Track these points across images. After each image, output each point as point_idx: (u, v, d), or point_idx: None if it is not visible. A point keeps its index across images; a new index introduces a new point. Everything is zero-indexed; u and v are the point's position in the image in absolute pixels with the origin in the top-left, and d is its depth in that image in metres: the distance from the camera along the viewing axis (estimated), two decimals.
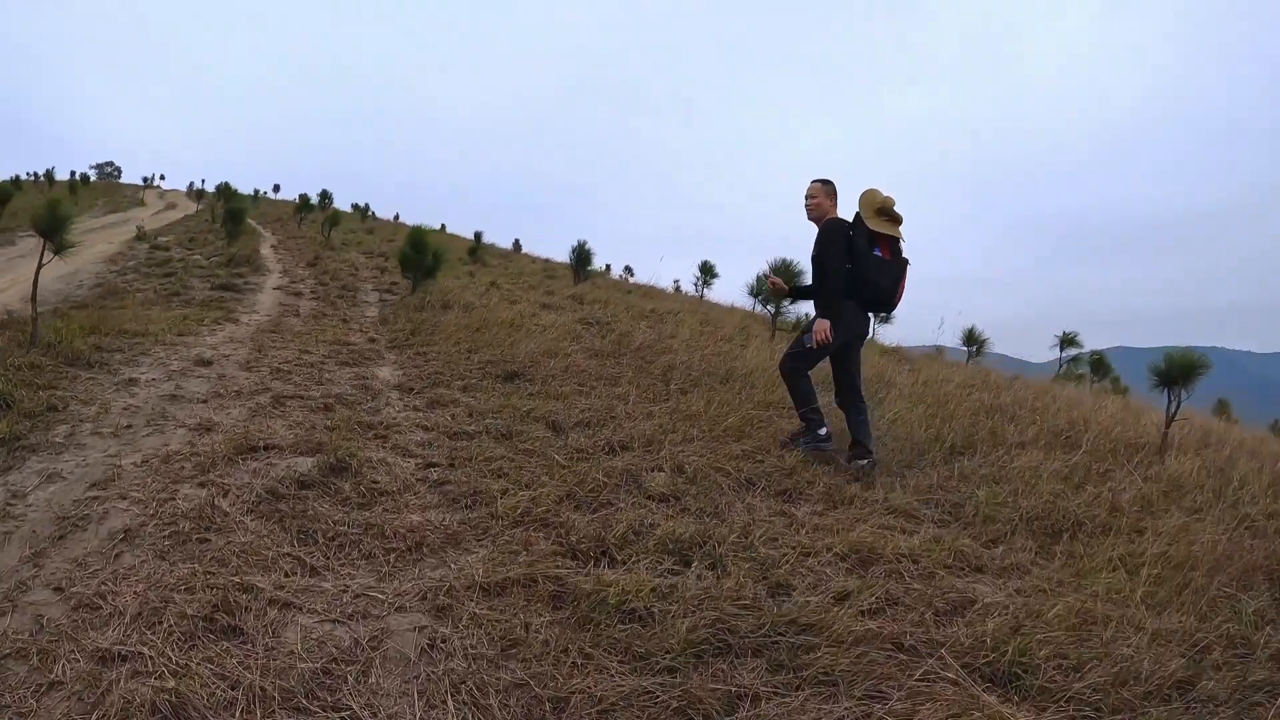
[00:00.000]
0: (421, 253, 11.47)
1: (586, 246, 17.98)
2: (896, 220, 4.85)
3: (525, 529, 3.35)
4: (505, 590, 2.78)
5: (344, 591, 2.97)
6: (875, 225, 4.79)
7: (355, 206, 38.26)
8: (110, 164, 55.81)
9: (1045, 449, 5.50)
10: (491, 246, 29.59)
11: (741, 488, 4.20)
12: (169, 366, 6.36)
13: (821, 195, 4.98)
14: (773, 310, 12.16)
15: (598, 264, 21.21)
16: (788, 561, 3.16)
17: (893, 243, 4.84)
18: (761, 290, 12.43)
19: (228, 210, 16.74)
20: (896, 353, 14.25)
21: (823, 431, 4.94)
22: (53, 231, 6.88)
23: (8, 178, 38.21)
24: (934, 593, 3.10)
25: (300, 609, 2.88)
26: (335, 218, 20.80)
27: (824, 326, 4.74)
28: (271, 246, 18.76)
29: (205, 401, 5.56)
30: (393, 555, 3.22)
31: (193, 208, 33.32)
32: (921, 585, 3.22)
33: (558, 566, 2.92)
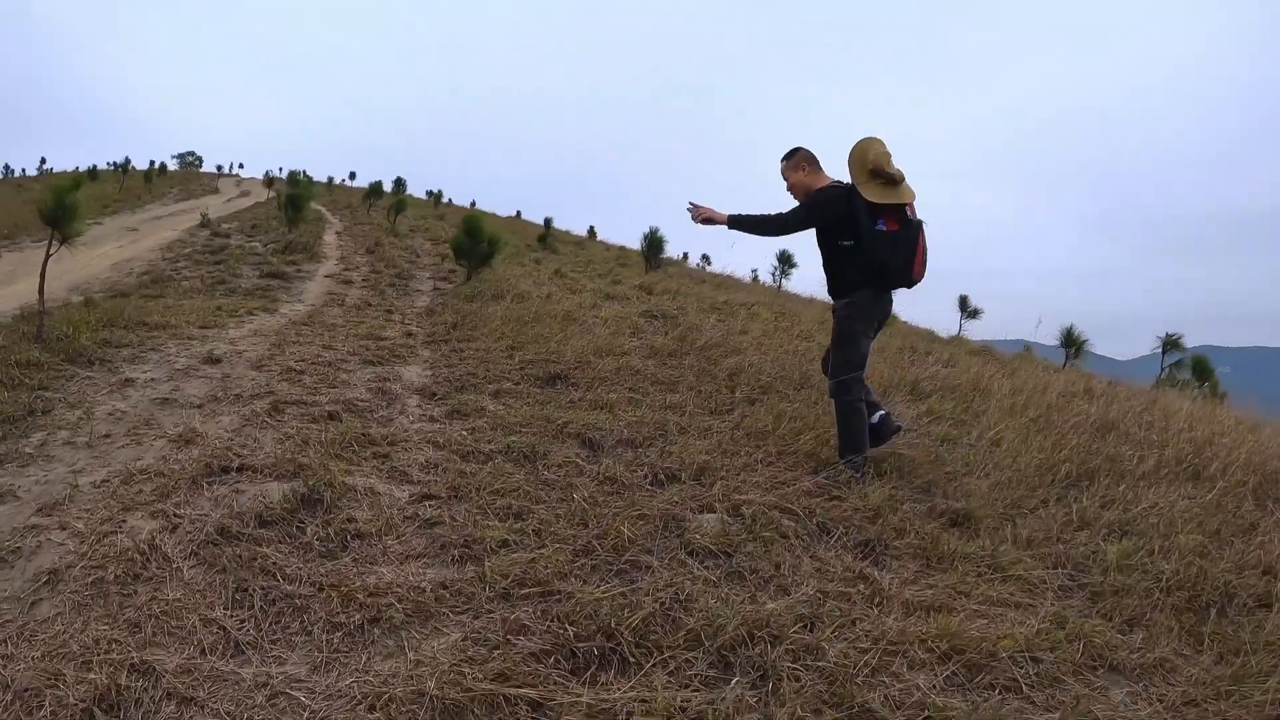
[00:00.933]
0: (477, 239, 10.88)
1: (659, 234, 17.25)
2: (894, 180, 4.02)
3: (515, 605, 2.57)
4: (460, 713, 2.01)
5: (262, 686, 2.27)
6: (871, 195, 3.99)
7: (429, 193, 38.40)
8: (191, 153, 57.99)
9: (1169, 480, 4.45)
10: (565, 233, 29.18)
11: (812, 537, 3.33)
12: (174, 365, 5.86)
13: (791, 172, 4.34)
14: None
15: (673, 252, 20.46)
16: (866, 667, 2.30)
17: (897, 210, 4.02)
18: None
19: (288, 197, 16.56)
20: (986, 353, 13.07)
21: (859, 459, 4.16)
22: (59, 221, 6.46)
23: (87, 167, 40.11)
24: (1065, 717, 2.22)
25: (200, 707, 2.19)
26: (401, 204, 20.52)
27: (716, 214, 4.25)
28: (335, 233, 18.62)
29: (200, 407, 5.00)
30: (339, 634, 2.49)
31: (265, 195, 33.92)
32: (1044, 696, 2.33)
33: (540, 677, 2.13)
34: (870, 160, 3.99)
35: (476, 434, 4.49)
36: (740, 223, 4.25)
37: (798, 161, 4.31)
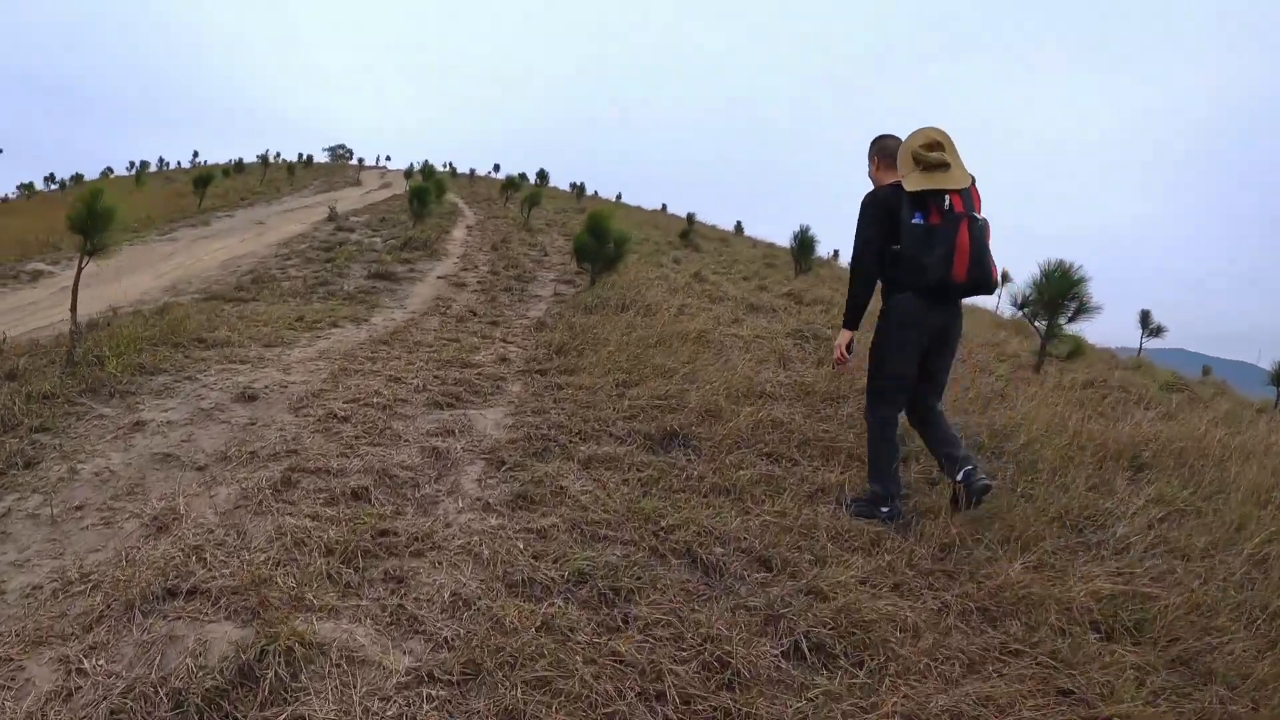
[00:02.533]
0: (602, 239, 9.71)
1: (810, 233, 15.78)
2: (939, 165, 3.71)
3: None
4: None
5: None
6: (910, 184, 3.73)
7: (573, 185, 38.03)
8: (342, 146, 60.46)
9: None
10: (709, 229, 27.89)
11: None
12: (202, 402, 4.94)
13: (868, 162, 4.18)
14: (1042, 323, 9.09)
15: (822, 251, 18.90)
16: None
17: (939, 200, 3.70)
18: (1025, 305, 9.29)
19: (413, 190, 16.05)
20: (1183, 387, 10.85)
21: (885, 510, 3.84)
22: (90, 230, 5.72)
23: (233, 160, 42.19)
24: None
25: None
26: (536, 196, 19.73)
27: (840, 341, 4.02)
28: (467, 228, 18.08)
29: (202, 469, 4.01)
30: None
31: (404, 188, 34.35)
32: None
33: None
34: (911, 147, 3.75)
35: (542, 542, 3.22)
36: (849, 313, 4.02)
37: (872, 152, 4.13)
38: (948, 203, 3.68)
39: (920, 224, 3.69)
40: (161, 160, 54.65)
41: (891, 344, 3.88)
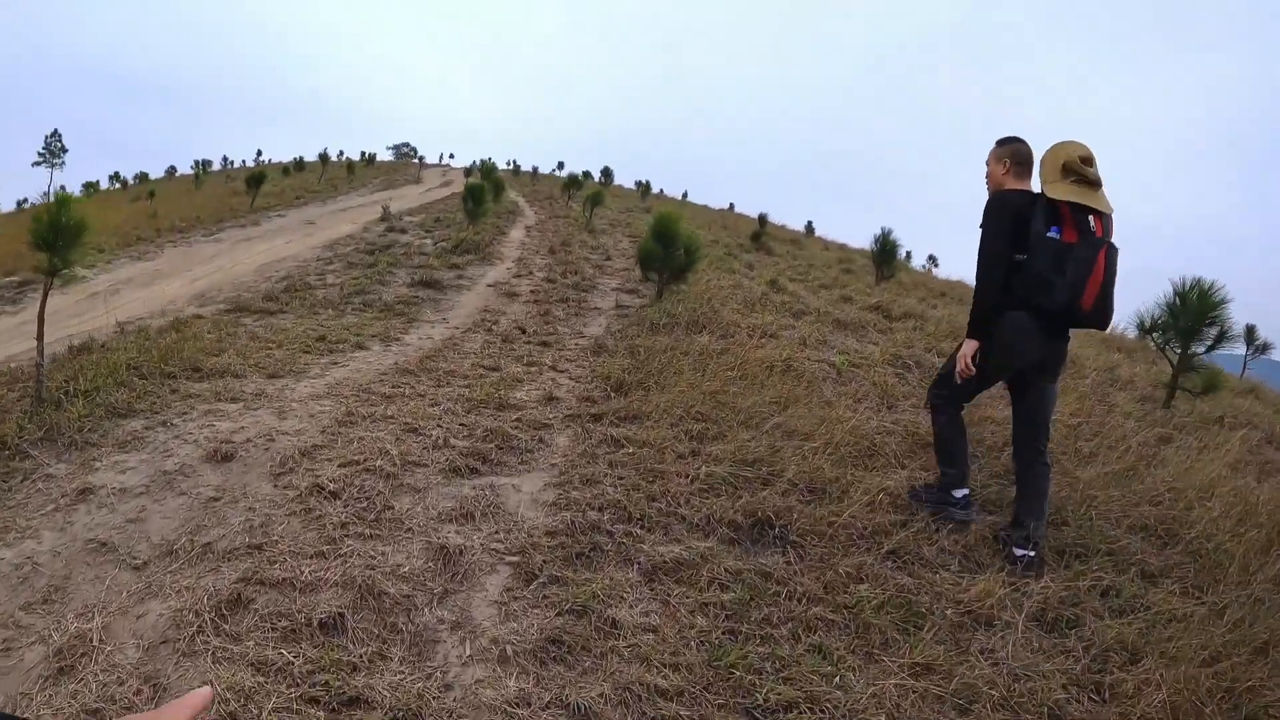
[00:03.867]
0: (669, 245, 8.60)
1: (892, 237, 14.54)
2: (1092, 183, 3.40)
3: None
4: None
5: None
6: (1055, 191, 3.39)
7: (638, 183, 36.97)
8: (406, 144, 60.31)
9: None
10: (780, 229, 26.60)
11: None
12: (169, 460, 3.99)
13: (993, 161, 3.84)
14: (1175, 349, 7.62)
15: (901, 253, 17.69)
16: None
17: (1081, 217, 3.36)
18: (1154, 329, 7.82)
19: (467, 188, 15.14)
20: None
21: (958, 494, 3.78)
22: (57, 246, 4.82)
23: (293, 159, 42.08)
24: None
25: None
26: (598, 196, 18.68)
27: (966, 351, 3.68)
28: (526, 228, 17.17)
29: (139, 569, 3.05)
30: None
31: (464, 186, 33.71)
32: None
33: None
34: (1065, 155, 3.41)
35: None
36: (974, 323, 3.69)
37: (1003, 154, 3.81)
38: (1091, 224, 3.38)
39: (1056, 239, 3.38)
40: (225, 159, 55.25)
41: (983, 368, 3.67)
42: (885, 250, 14.62)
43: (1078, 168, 3.38)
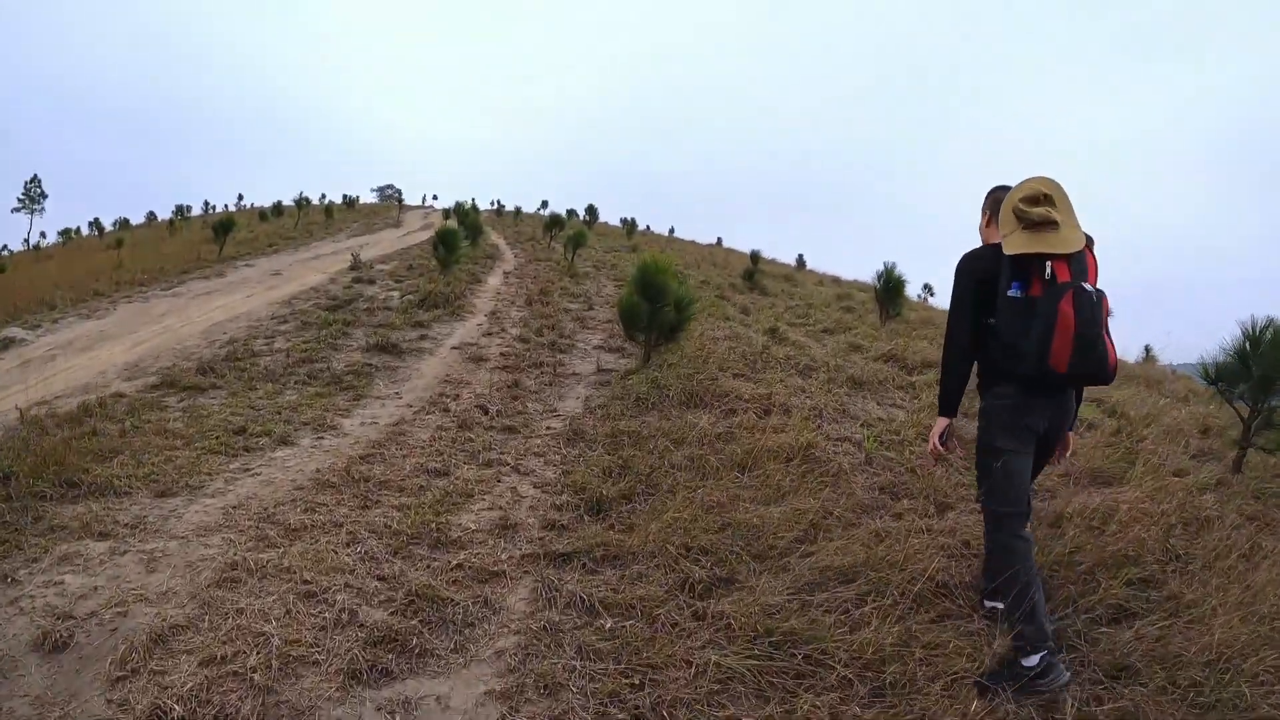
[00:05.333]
0: (656, 300, 7.40)
1: (896, 271, 13.43)
2: (1044, 223, 2.92)
3: None
4: None
5: None
6: (1010, 245, 2.97)
7: (624, 220, 35.91)
8: (390, 186, 59.04)
9: None
10: (771, 264, 25.54)
11: None
12: None
13: (982, 214, 3.43)
14: (1247, 404, 6.43)
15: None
16: None
17: (1039, 266, 2.92)
18: (1220, 378, 6.59)
19: (438, 234, 13.95)
20: None
21: (1042, 657, 2.76)
22: None
23: (271, 204, 40.86)
24: None
25: None
26: (580, 237, 17.48)
27: (935, 431, 3.28)
28: (504, 274, 16.00)
29: None
30: None
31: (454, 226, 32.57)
32: None
33: None
34: (1011, 201, 3.00)
35: None
36: (942, 398, 3.30)
37: (985, 205, 3.38)
38: (1049, 271, 2.93)
39: (1017, 296, 2.99)
40: (206, 204, 54.01)
41: (999, 449, 3.12)
42: (890, 287, 13.47)
43: (1025, 213, 2.96)
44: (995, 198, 3.34)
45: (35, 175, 73.87)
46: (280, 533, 3.81)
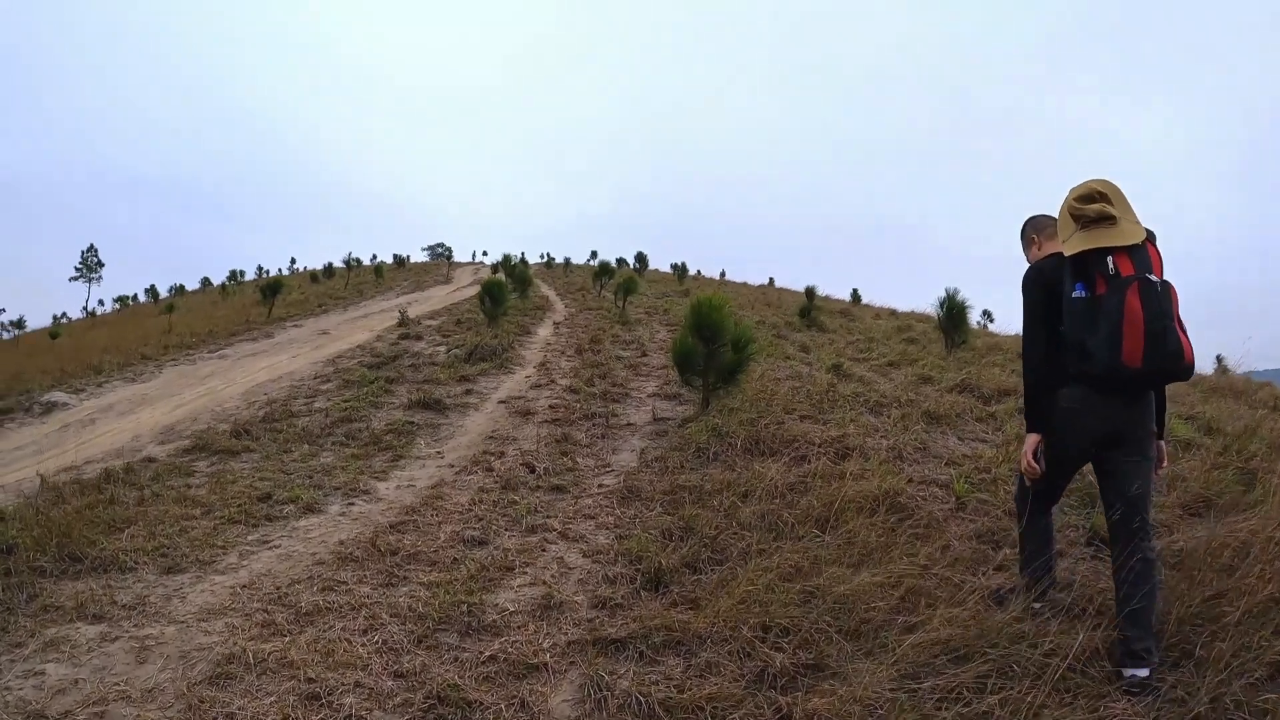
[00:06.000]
0: (713, 340, 6.87)
1: (959, 297, 12.74)
2: (1101, 219, 2.89)
3: None
4: None
5: None
6: (1070, 246, 2.96)
7: (673, 266, 35.55)
8: (440, 245, 59.83)
9: None
10: (826, 300, 24.86)
11: None
12: None
13: (1025, 246, 3.50)
14: None
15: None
16: None
17: (1101, 263, 2.87)
18: None
19: (484, 288, 13.67)
20: None
21: (1143, 673, 2.75)
22: None
23: (322, 265, 41.43)
24: None
25: None
26: (631, 284, 17.13)
27: (1026, 448, 3.18)
28: (554, 325, 15.66)
29: None
30: None
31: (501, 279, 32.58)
32: None
33: None
34: (1066, 204, 3.03)
35: None
36: (1027, 414, 3.24)
37: (1027, 235, 3.48)
38: (1112, 266, 2.85)
39: (1081, 296, 2.92)
40: (260, 268, 55.20)
41: (1053, 451, 3.14)
42: (953, 315, 12.77)
43: (1080, 210, 2.95)
44: (1038, 222, 3.40)
45: (92, 245, 76.83)
46: (290, 618, 3.33)
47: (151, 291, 42.75)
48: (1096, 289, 2.90)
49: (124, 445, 7.85)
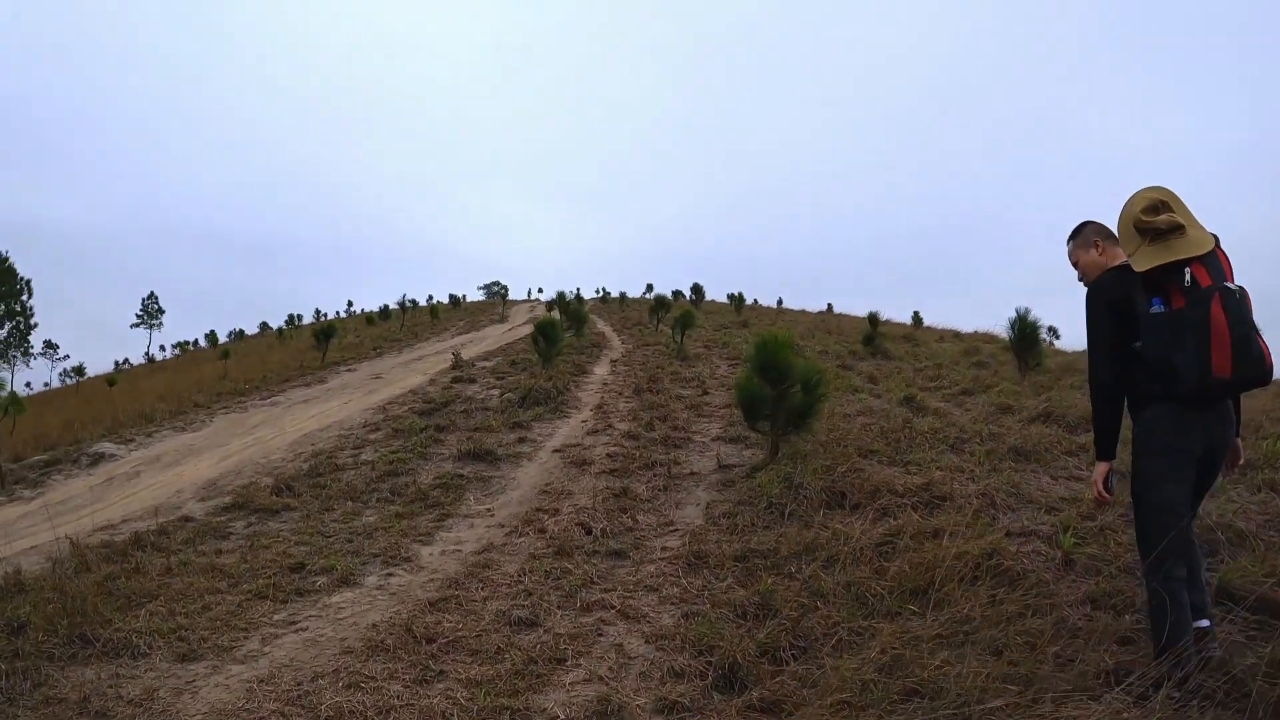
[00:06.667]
0: (779, 381, 6.36)
1: (1030, 317, 12.05)
2: (1172, 229, 2.81)
3: None
4: None
5: None
6: (1139, 262, 2.85)
7: (730, 296, 35.01)
8: (496, 283, 60.14)
9: None
10: (887, 325, 24.07)
11: None
12: None
13: (1079, 253, 3.30)
14: None
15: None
16: None
17: (1177, 275, 2.76)
18: None
19: (537, 327, 13.33)
20: None
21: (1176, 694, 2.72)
22: None
23: (378, 308, 41.89)
24: None
25: None
26: (688, 317, 16.66)
27: (1097, 476, 3.08)
28: (611, 362, 15.27)
29: None
30: None
31: (556, 318, 32.40)
32: None
33: None
34: (1130, 217, 2.91)
35: None
36: (1098, 441, 3.09)
37: (1087, 237, 3.26)
38: (1189, 277, 2.74)
39: (1161, 311, 2.81)
40: (318, 312, 56.08)
41: (1156, 474, 2.91)
42: (1025, 336, 12.02)
43: (1147, 223, 2.84)
44: (1098, 227, 3.25)
45: (152, 292, 79.10)
46: None
47: (211, 337, 43.70)
48: (1174, 303, 2.81)
49: (164, 501, 7.62)
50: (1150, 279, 2.85)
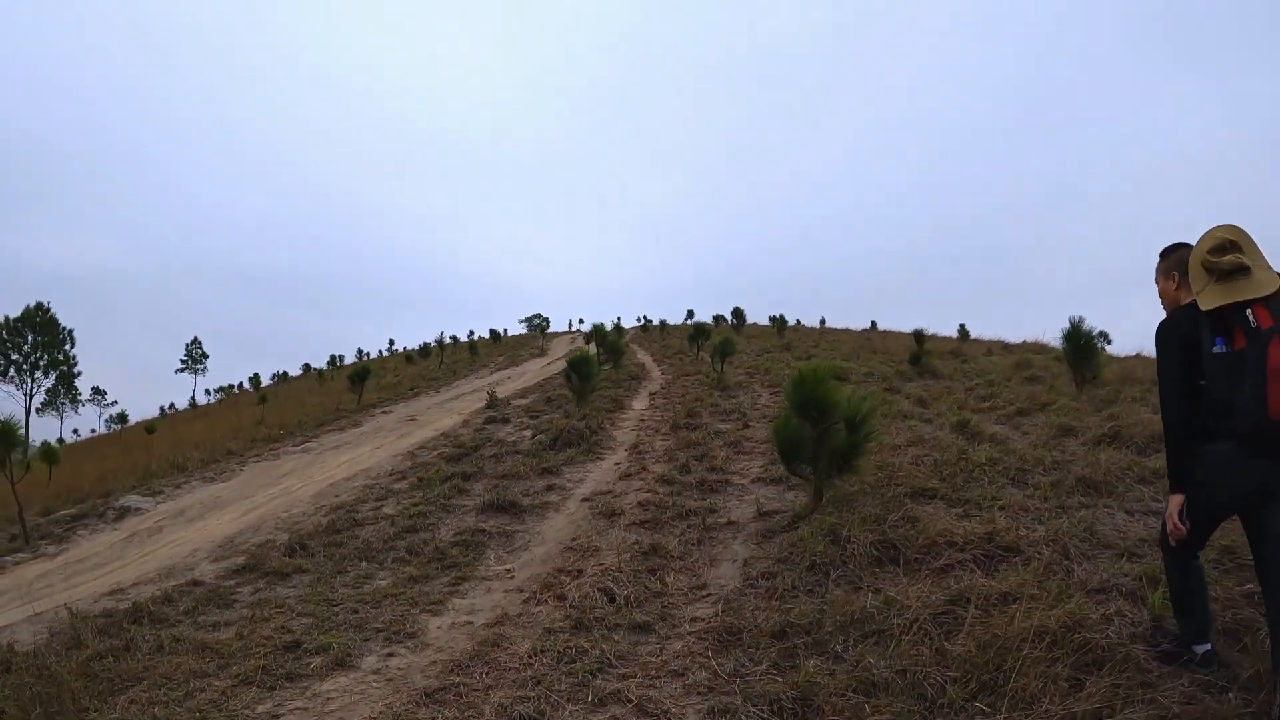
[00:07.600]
0: (819, 418, 5.90)
1: (1085, 327, 11.36)
2: (1237, 270, 2.88)
3: None
4: None
5: None
6: (1206, 301, 2.95)
7: (772, 319, 34.49)
8: (537, 316, 60.40)
9: None
10: (933, 340, 23.35)
11: None
12: None
13: (1161, 278, 3.40)
14: None
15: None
16: None
17: (1240, 316, 2.85)
18: None
19: (570, 363, 12.97)
20: None
21: (1200, 649, 3.25)
22: None
23: (417, 346, 42.02)
24: None
25: None
26: (727, 345, 16.20)
27: (1171, 510, 3.14)
28: (650, 395, 14.89)
29: None
30: None
31: (590, 351, 32.13)
32: None
33: None
34: (1199, 256, 3.00)
35: None
36: (1171, 473, 3.17)
37: (1168, 266, 3.34)
38: (1252, 319, 2.82)
39: (1223, 351, 2.89)
40: (360, 352, 56.67)
41: (1197, 506, 3.10)
42: (1081, 346, 11.27)
43: (1214, 264, 2.91)
44: (1180, 256, 3.28)
45: (195, 337, 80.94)
46: None
47: (254, 380, 44.22)
48: (1236, 343, 2.88)
49: (179, 562, 7.38)
50: (1216, 318, 2.93)
